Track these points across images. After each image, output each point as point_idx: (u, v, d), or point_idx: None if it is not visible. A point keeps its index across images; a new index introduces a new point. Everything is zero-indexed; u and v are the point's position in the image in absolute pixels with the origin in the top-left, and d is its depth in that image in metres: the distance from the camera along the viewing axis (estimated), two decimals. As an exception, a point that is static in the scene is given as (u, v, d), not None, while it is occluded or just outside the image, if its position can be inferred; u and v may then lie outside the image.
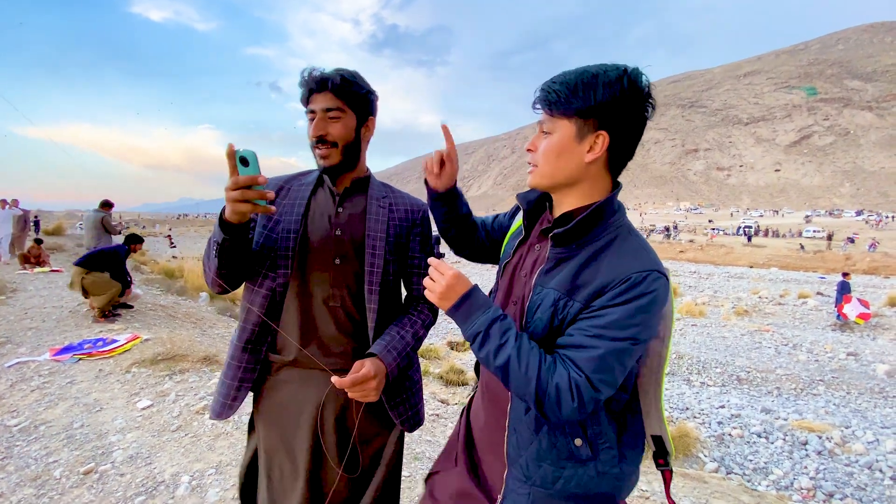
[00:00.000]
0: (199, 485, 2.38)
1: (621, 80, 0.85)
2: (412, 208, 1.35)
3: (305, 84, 1.18)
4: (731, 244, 38.14)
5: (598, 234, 0.92)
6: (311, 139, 1.18)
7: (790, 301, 14.75)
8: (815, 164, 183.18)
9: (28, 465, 2.58)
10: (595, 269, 0.89)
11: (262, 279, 1.20)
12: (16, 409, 3.28)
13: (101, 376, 3.83)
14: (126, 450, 2.72)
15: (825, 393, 7.01)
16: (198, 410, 3.20)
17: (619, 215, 0.95)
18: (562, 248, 0.94)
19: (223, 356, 4.43)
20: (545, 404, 0.84)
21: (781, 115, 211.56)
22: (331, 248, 1.21)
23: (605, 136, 0.88)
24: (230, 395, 1.23)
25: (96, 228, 7.08)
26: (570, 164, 0.91)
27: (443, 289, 0.93)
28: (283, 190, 1.25)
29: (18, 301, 6.54)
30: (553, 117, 0.91)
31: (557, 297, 0.91)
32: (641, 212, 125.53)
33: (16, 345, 4.66)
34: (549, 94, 0.90)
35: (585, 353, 0.83)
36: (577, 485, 0.94)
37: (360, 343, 1.25)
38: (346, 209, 1.25)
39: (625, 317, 0.83)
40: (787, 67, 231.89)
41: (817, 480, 4.31)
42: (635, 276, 0.84)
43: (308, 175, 1.30)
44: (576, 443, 0.94)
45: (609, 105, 0.86)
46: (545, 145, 0.93)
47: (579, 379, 0.82)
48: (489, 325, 0.89)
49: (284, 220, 1.20)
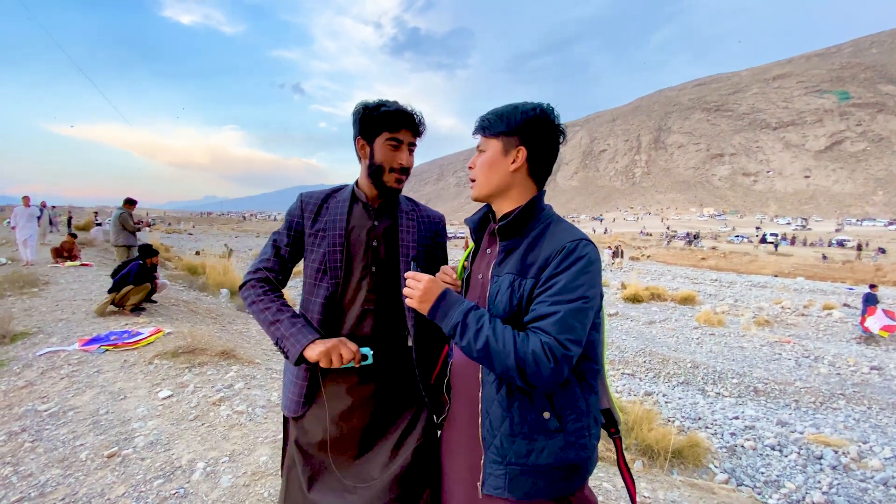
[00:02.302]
0: (213, 471, 2.50)
1: (535, 110, 1.12)
2: (434, 220, 1.52)
3: (397, 116, 1.31)
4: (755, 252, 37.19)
5: (534, 225, 1.14)
6: (395, 166, 1.34)
7: (814, 312, 14.32)
8: (846, 170, 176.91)
9: (56, 448, 2.75)
10: (538, 250, 1.09)
11: (315, 289, 1.35)
12: (46, 396, 3.48)
13: (125, 367, 4.02)
14: (147, 436, 2.87)
15: (845, 407, 6.82)
16: (214, 402, 3.33)
17: (547, 211, 1.18)
18: (507, 240, 1.16)
19: (241, 351, 4.59)
20: (527, 372, 0.96)
21: (812, 119, 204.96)
22: (369, 257, 1.36)
23: (524, 150, 1.13)
24: (301, 393, 1.35)
25: (116, 225, 7.53)
26: (499, 173, 1.15)
27: (420, 293, 1.10)
28: (322, 208, 1.40)
29: (50, 293, 6.87)
30: (486, 138, 1.16)
31: (512, 279, 1.09)
32: (663, 217, 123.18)
33: (47, 335, 4.91)
34: (484, 121, 1.17)
35: (549, 319, 0.98)
36: (548, 455, 1.06)
37: (393, 344, 1.38)
38: (381, 222, 1.40)
39: (571, 280, 1.01)
40: (818, 71, 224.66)
41: (830, 495, 4.22)
42: (569, 245, 1.04)
43: (341, 191, 1.44)
44: (544, 415, 1.06)
45: (525, 127, 1.12)
46: (481, 160, 1.17)
47: (550, 341, 0.96)
48: (465, 315, 1.04)
49: (329, 235, 1.35)
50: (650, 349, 9.46)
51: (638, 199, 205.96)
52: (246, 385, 3.68)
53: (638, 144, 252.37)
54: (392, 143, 1.32)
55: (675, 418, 6.17)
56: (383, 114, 1.30)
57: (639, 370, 8.55)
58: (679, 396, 7.21)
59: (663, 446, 4.50)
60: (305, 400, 1.34)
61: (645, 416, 4.90)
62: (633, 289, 16.18)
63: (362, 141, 1.35)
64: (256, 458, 2.64)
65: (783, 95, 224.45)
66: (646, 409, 5.05)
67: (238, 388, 3.62)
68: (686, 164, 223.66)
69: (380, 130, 1.32)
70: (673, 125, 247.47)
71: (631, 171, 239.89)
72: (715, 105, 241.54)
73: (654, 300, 15.95)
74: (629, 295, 15.82)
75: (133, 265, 5.89)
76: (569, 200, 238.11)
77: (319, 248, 1.35)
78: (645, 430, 4.72)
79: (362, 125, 1.33)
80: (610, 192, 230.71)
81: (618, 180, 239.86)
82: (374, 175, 1.35)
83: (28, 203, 9.88)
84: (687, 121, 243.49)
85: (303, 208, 1.39)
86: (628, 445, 4.65)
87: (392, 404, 1.37)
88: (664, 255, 37.96)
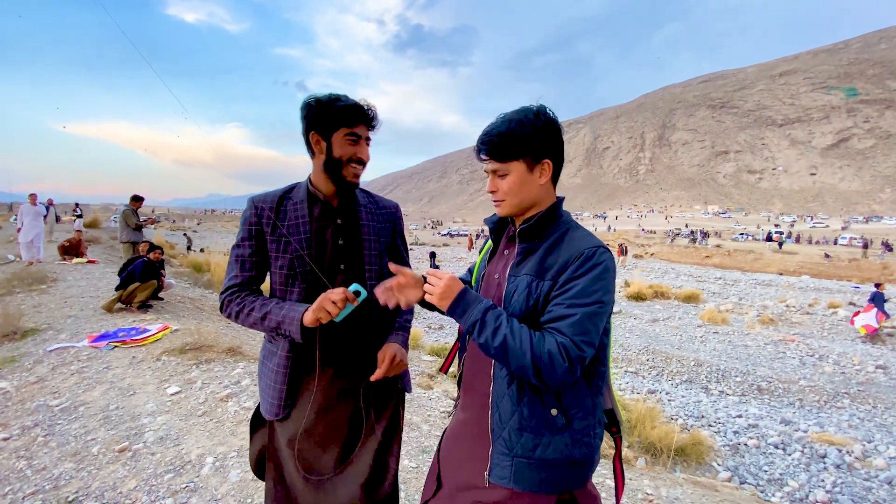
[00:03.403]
0: (222, 465, 2.55)
1: (541, 117, 1.13)
2: (390, 209, 1.52)
3: (355, 111, 1.28)
4: (760, 250, 36.96)
5: (553, 230, 1.18)
6: (354, 159, 1.31)
7: (819, 311, 14.27)
8: (853, 167, 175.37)
9: (68, 442, 2.80)
10: (556, 254, 1.13)
11: (287, 295, 1.34)
12: (57, 391, 3.54)
13: (134, 363, 4.07)
14: (156, 431, 2.92)
15: (850, 406, 6.81)
16: (222, 398, 3.38)
17: (566, 217, 1.21)
18: (527, 243, 1.18)
19: (247, 348, 4.64)
20: (542, 370, 1.00)
21: (819, 116, 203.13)
22: (337, 256, 1.36)
23: (549, 162, 1.16)
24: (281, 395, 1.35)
25: (121, 222, 7.74)
26: (531, 191, 1.17)
27: (441, 290, 1.12)
28: (280, 211, 1.34)
29: (58, 290, 6.94)
30: (505, 163, 1.15)
31: (530, 280, 1.13)
32: (667, 215, 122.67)
33: (57, 331, 4.98)
34: (495, 147, 1.14)
35: (566, 321, 1.03)
36: (553, 450, 1.10)
37: (370, 338, 1.40)
38: (343, 219, 1.39)
39: (588, 285, 1.05)
40: (825, 67, 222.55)
41: (833, 494, 4.24)
42: (587, 251, 1.08)
43: (294, 192, 1.38)
44: (552, 412, 1.10)
45: (545, 142, 1.13)
46: (508, 184, 1.16)
47: (565, 341, 1.01)
48: (484, 314, 1.07)
49: (294, 239, 1.32)
50: (653, 347, 9.47)
51: (642, 196, 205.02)
52: (252, 381, 3.72)
53: (642, 142, 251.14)
54: (351, 138, 1.30)
55: (678, 416, 6.19)
56: (340, 109, 1.27)
57: (642, 368, 8.56)
58: (682, 394, 7.22)
59: (666, 444, 4.52)
60: (285, 403, 1.34)
61: (648, 413, 4.92)
62: (636, 287, 16.15)
63: (317, 136, 1.30)
64: (264, 453, 2.68)
65: (789, 92, 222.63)
66: (648, 407, 5.07)
67: (245, 384, 3.66)
68: (690, 161, 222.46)
69: (337, 126, 1.28)
70: (677, 122, 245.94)
71: (635, 168, 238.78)
72: (720, 102, 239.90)
73: (658, 298, 15.92)
74: (633, 293, 15.80)
75: (138, 262, 5.95)
76: (572, 198, 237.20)
77: (286, 254, 1.32)
78: (648, 427, 4.74)
79: (316, 120, 1.29)
80: (614, 189, 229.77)
81: (621, 178, 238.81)
82: (332, 170, 1.31)
83: (35, 201, 9.58)
84: (692, 118, 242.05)
85: (259, 214, 1.33)
86: (631, 443, 4.67)
87: (370, 396, 1.40)
88: (668, 253, 37.79)
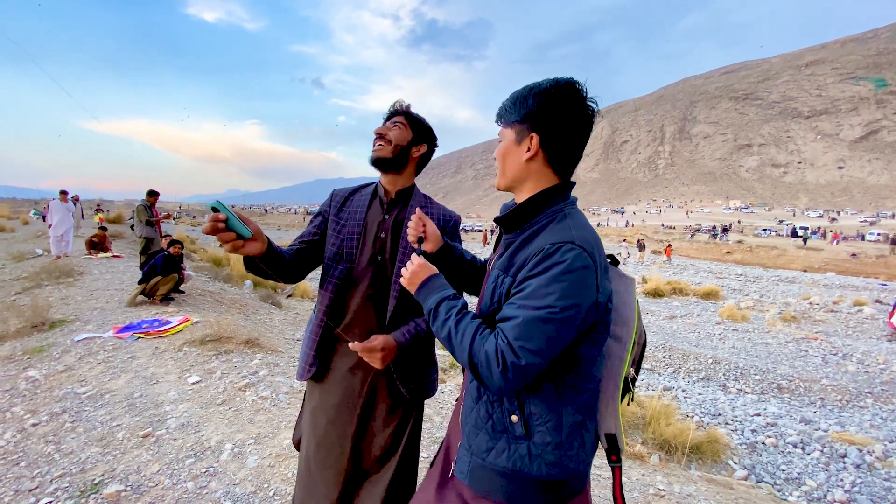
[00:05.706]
0: (240, 452, 2.63)
1: (550, 89, 1.01)
2: (444, 218, 1.57)
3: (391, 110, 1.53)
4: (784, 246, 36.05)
5: (538, 220, 1.04)
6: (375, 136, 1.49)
7: (844, 308, 13.86)
8: (882, 161, 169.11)
9: (95, 428, 2.92)
10: (526, 248, 1.01)
11: (331, 269, 1.48)
12: (84, 379, 3.68)
13: (157, 353, 4.21)
14: (178, 418, 3.02)
15: (873, 406, 6.64)
16: (240, 388, 3.48)
17: (559, 206, 1.05)
18: (510, 234, 1.09)
19: (265, 340, 4.75)
20: (479, 371, 0.93)
21: (847, 108, 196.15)
22: (377, 247, 1.47)
23: (536, 136, 1.03)
24: (308, 360, 1.50)
25: (136, 217, 8.10)
26: (514, 163, 1.07)
27: (409, 275, 1.12)
28: (348, 201, 1.54)
29: (85, 283, 7.18)
30: (502, 127, 1.10)
31: (497, 275, 1.05)
32: (688, 210, 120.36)
33: (83, 322, 5.16)
34: (500, 109, 1.10)
35: (509, 323, 0.92)
36: (507, 459, 0.99)
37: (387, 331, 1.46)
38: (391, 216, 1.50)
39: (541, 286, 0.91)
40: (853, 57, 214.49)
41: (852, 494, 4.15)
42: (547, 248, 0.93)
43: (366, 188, 1.59)
44: (512, 418, 1.00)
45: (536, 112, 1.02)
46: (498, 149, 1.12)
47: (503, 345, 0.90)
48: (438, 304, 1.05)
49: (349, 224, 1.49)
50: (670, 344, 9.35)
51: (661, 191, 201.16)
52: (270, 372, 3.82)
53: (661, 135, 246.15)
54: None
55: (695, 414, 6.12)
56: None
57: (658, 365, 8.47)
58: (699, 392, 7.12)
59: (681, 441, 4.48)
60: (311, 365, 1.48)
61: (663, 410, 4.88)
62: (654, 283, 15.95)
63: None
64: (280, 441, 2.75)
65: (816, 83, 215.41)
66: (664, 404, 5.03)
67: (262, 374, 3.76)
68: (712, 154, 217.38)
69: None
70: (699, 115, 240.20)
71: (654, 162, 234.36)
72: (743, 93, 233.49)
73: (676, 295, 15.69)
74: (650, 289, 15.60)
75: (158, 257, 6.11)
76: (589, 193, 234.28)
77: (339, 235, 1.49)
78: (663, 424, 4.71)
79: None
80: (632, 184, 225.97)
81: (640, 172, 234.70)
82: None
83: (66, 198, 9.77)
84: (714, 110, 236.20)
85: (331, 202, 1.55)
86: (645, 439, 4.64)
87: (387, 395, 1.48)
88: (687, 249, 37.16)
